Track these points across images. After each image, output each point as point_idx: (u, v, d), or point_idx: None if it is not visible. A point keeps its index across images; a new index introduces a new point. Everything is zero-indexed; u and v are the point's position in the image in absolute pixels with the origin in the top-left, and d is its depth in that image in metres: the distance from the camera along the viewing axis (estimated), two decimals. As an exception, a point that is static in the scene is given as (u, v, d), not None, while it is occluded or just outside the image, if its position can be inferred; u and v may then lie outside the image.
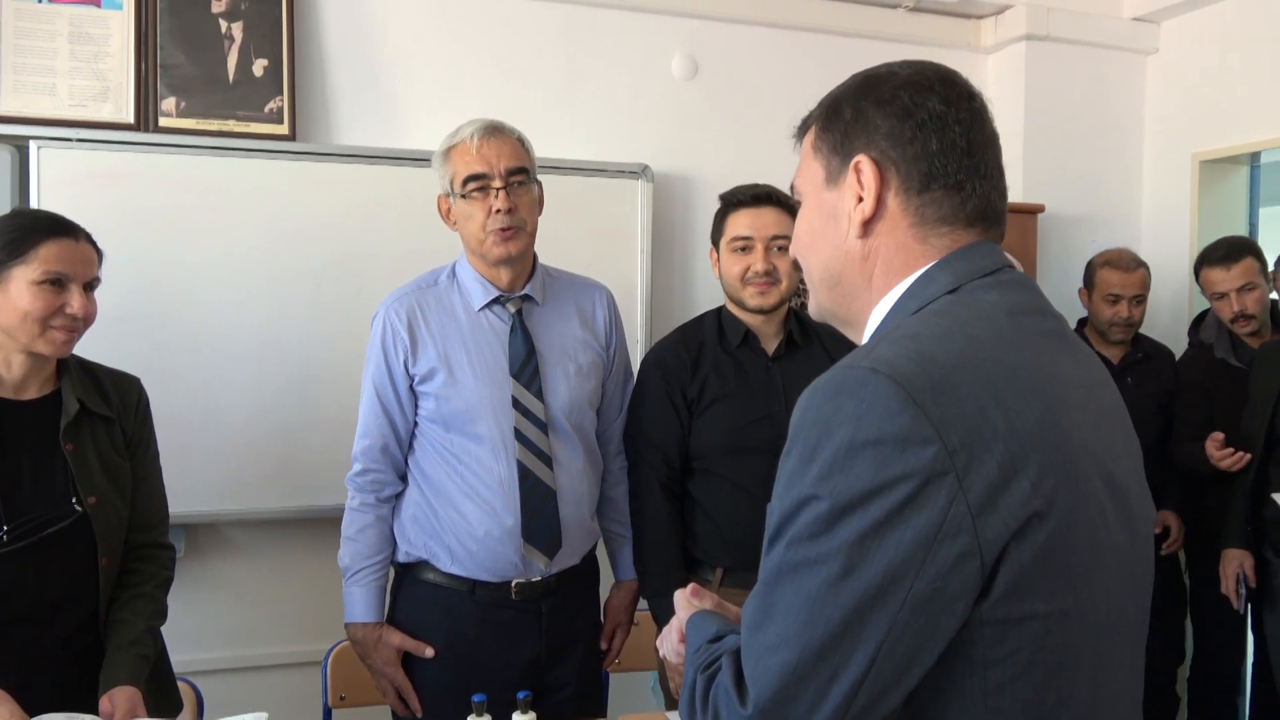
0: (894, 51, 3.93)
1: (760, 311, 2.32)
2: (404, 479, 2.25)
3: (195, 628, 3.10)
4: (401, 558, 2.23)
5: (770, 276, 2.28)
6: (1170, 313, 4.05)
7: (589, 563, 2.33)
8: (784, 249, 2.29)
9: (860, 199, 1.06)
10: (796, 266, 1.23)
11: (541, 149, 2.68)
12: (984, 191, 1.07)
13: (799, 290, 2.92)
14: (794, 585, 0.91)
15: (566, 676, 2.23)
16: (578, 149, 3.49)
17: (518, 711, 1.80)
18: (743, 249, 2.31)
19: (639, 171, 3.50)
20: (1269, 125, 3.72)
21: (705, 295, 3.69)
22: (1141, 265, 3.43)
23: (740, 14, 3.75)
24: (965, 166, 1.05)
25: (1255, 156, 4.02)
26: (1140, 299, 3.41)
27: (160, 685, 2.01)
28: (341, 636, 2.41)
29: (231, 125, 3.10)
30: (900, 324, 1.01)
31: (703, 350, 2.36)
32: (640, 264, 3.50)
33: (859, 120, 1.07)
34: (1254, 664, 3.49)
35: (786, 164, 3.76)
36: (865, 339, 1.09)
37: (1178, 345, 3.74)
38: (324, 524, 3.20)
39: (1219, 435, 3.00)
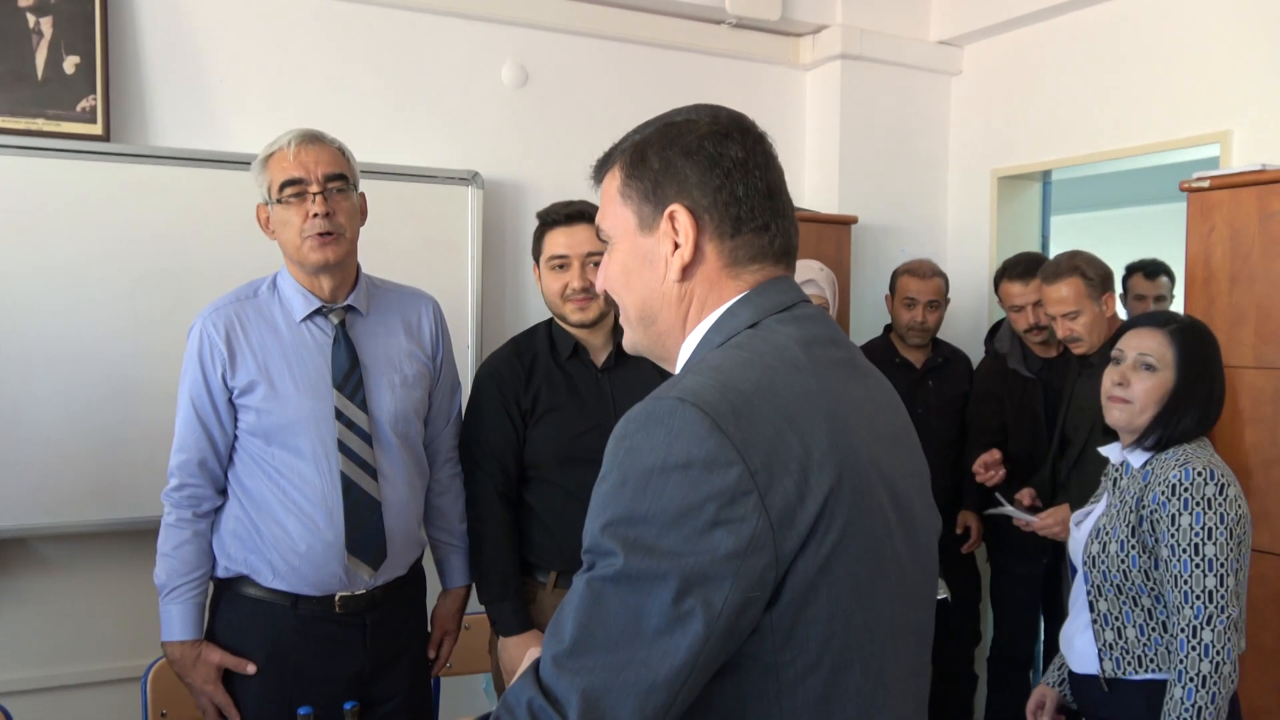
0: (718, 66, 4.10)
1: (582, 326, 2.40)
2: (223, 493, 2.22)
3: (4, 647, 2.98)
4: (221, 573, 2.20)
5: (588, 292, 2.36)
6: (971, 318, 4.33)
7: (415, 572, 2.35)
8: (600, 264, 2.37)
9: (677, 245, 1.13)
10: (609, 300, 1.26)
11: (370, 155, 2.68)
12: (784, 229, 1.16)
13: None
14: (614, 600, 0.97)
15: (393, 688, 2.25)
16: (407, 155, 3.50)
17: (342, 723, 1.81)
18: (560, 266, 2.38)
19: (469, 178, 3.53)
20: (1059, 146, 4.03)
21: (536, 303, 3.74)
22: (939, 274, 3.67)
23: (569, 25, 3.82)
24: (769, 209, 1.14)
25: (1047, 174, 4.34)
26: (935, 305, 3.64)
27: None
28: (157, 654, 2.37)
29: (40, 124, 2.98)
30: (705, 356, 1.10)
31: (535, 362, 2.42)
32: (470, 272, 3.53)
33: (668, 170, 1.13)
34: (1045, 644, 3.80)
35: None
36: (678, 368, 1.17)
37: (978, 349, 4.01)
38: (142, 536, 3.11)
39: (994, 455, 3.20)
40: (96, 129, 3.05)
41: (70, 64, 3.02)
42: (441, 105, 3.63)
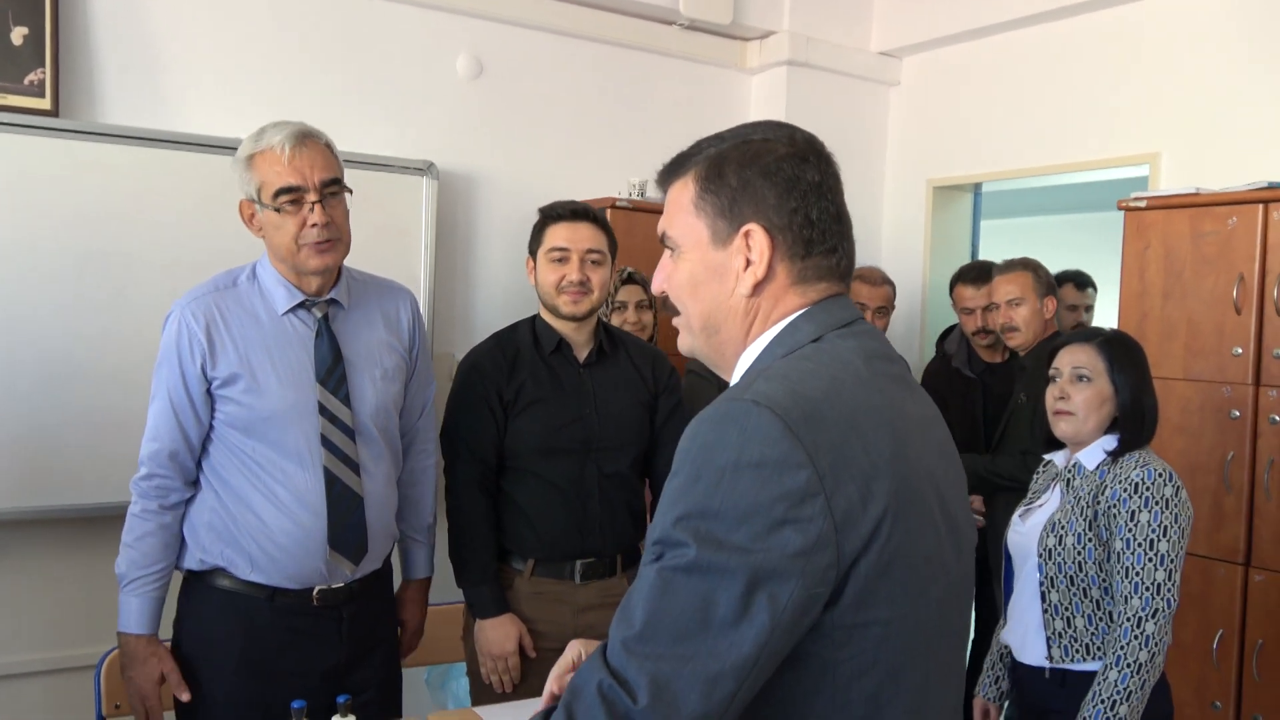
0: (668, 66, 4.15)
1: (573, 318, 2.44)
2: (192, 485, 2.16)
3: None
4: (194, 565, 2.15)
5: (584, 286, 2.41)
6: (904, 322, 4.46)
7: (387, 564, 2.34)
8: (597, 262, 2.43)
9: (749, 262, 1.16)
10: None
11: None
12: (848, 251, 1.20)
13: (609, 303, 3.06)
14: (684, 590, 1.00)
15: (366, 680, 2.23)
16: (361, 143, 3.45)
17: (338, 715, 1.81)
18: (559, 259, 2.42)
19: (424, 169, 3.51)
20: (993, 159, 4.19)
21: (486, 294, 3.75)
22: (887, 282, 3.79)
23: (525, 18, 3.82)
24: (837, 232, 1.18)
25: (978, 184, 4.50)
26: (884, 310, 3.77)
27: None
28: (110, 644, 2.32)
29: (-15, 97, 2.88)
30: (771, 366, 1.13)
31: (519, 355, 2.46)
32: (423, 262, 3.51)
33: (747, 189, 1.15)
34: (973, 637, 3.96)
35: (566, 165, 3.91)
36: (734, 376, 1.20)
37: (909, 351, 4.14)
38: (81, 524, 3.04)
39: None
40: (45, 104, 2.95)
41: (18, 35, 2.92)
42: (396, 94, 3.60)
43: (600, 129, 4.03)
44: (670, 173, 1.23)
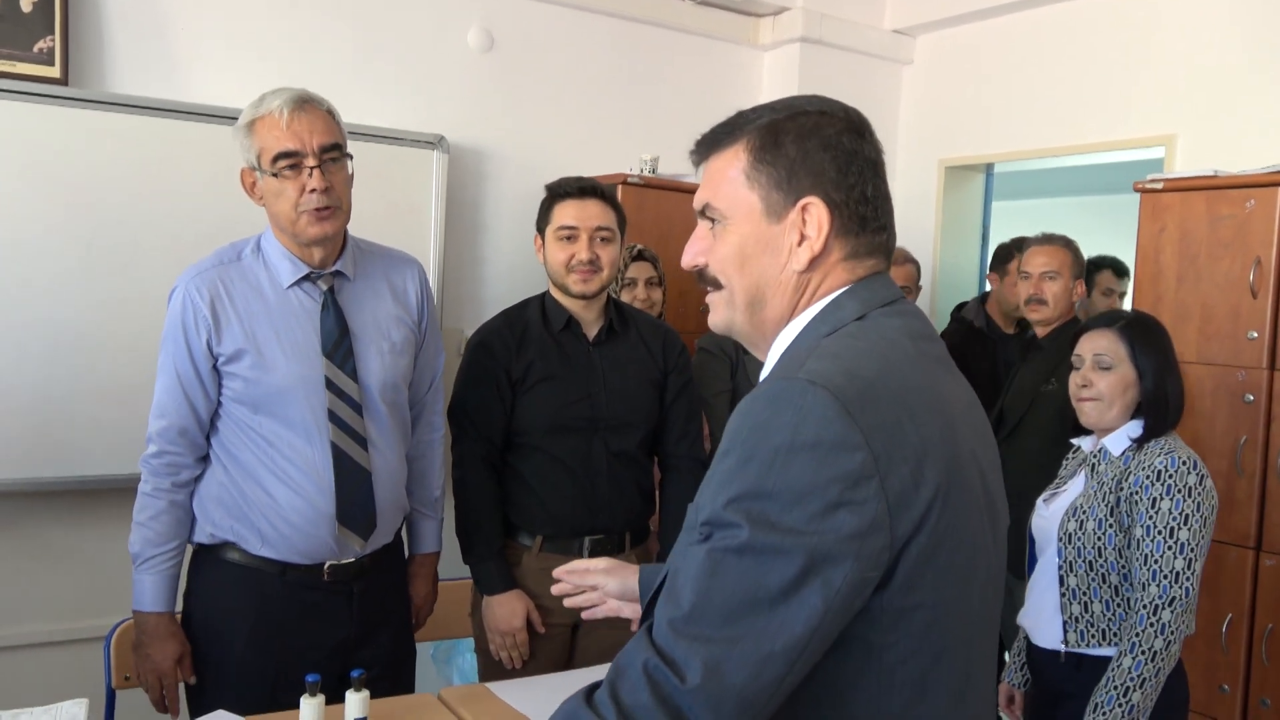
0: (680, 41, 4.12)
1: (583, 297, 2.42)
2: (202, 460, 2.15)
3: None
4: (205, 539, 2.14)
5: (593, 265, 2.39)
6: (916, 302, 4.45)
7: (397, 539, 2.33)
8: (606, 239, 2.41)
9: (803, 237, 1.13)
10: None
11: (334, 113, 2.63)
12: (894, 231, 1.18)
13: (618, 280, 3.04)
14: (735, 572, 0.99)
15: (376, 656, 2.22)
16: (372, 115, 3.43)
17: (351, 689, 1.80)
18: (568, 238, 2.40)
19: (435, 142, 3.48)
20: (1006, 139, 4.16)
21: (496, 269, 3.73)
22: (911, 260, 3.79)
23: (536, -10, 3.79)
24: (887, 210, 1.16)
25: (990, 165, 4.47)
26: (907, 290, 3.76)
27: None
28: (119, 615, 2.31)
29: (-6, 64, 2.85)
30: (820, 344, 1.10)
31: (527, 333, 2.45)
32: (433, 236, 3.49)
33: (806, 161, 1.12)
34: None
35: (578, 140, 3.87)
36: (770, 354, 1.18)
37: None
38: (92, 495, 3.04)
39: None
40: (54, 72, 2.92)
41: (27, 2, 2.89)
42: (407, 67, 3.57)
43: (612, 104, 4.00)
44: (712, 143, 1.19)
